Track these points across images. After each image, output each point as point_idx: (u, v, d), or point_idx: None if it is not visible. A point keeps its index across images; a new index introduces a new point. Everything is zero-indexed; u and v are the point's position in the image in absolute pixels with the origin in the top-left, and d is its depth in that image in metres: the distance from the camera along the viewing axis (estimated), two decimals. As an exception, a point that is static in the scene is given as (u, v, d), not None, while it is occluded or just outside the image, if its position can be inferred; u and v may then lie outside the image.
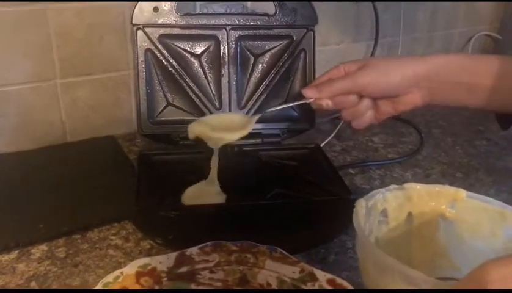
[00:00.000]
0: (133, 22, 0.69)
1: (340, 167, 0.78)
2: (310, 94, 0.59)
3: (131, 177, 0.69)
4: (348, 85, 0.58)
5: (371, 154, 0.84)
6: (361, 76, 0.58)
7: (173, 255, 0.48)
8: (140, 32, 0.70)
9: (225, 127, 0.62)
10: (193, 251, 0.49)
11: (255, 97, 0.74)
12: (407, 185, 0.53)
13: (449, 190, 0.53)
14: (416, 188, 0.53)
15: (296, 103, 0.63)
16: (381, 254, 0.42)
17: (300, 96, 0.60)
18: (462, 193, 0.53)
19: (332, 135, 0.86)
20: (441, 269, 0.53)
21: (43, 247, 0.59)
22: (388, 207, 0.52)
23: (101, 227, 0.63)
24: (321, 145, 0.82)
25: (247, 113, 0.74)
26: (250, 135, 0.72)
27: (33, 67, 0.75)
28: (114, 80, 0.82)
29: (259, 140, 0.73)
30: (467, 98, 0.59)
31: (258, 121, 0.73)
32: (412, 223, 0.53)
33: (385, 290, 0.44)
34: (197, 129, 0.61)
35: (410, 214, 0.53)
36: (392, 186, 0.53)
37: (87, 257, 0.58)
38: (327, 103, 0.58)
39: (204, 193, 0.61)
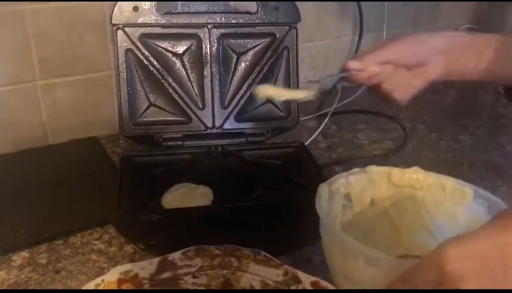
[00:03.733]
0: (113, 22, 0.68)
1: (325, 165, 0.78)
2: (354, 65, 0.59)
3: (114, 180, 0.68)
4: (386, 53, 0.60)
5: (356, 150, 0.84)
6: (396, 45, 0.61)
7: (156, 261, 0.48)
8: (120, 32, 0.68)
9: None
10: (175, 256, 0.48)
11: (238, 96, 0.73)
12: (368, 168, 0.54)
13: (408, 171, 0.54)
14: (377, 171, 0.54)
15: (340, 75, 0.61)
16: (343, 236, 0.43)
17: (342, 70, 0.60)
18: (420, 173, 0.53)
19: (317, 132, 0.86)
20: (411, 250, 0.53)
21: (24, 253, 0.58)
22: (352, 191, 0.52)
23: (84, 231, 0.62)
24: (306, 143, 0.82)
25: (231, 112, 0.73)
26: (234, 135, 0.72)
27: (12, 69, 0.73)
28: (95, 80, 0.81)
29: (243, 140, 0.72)
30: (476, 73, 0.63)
31: (241, 121, 0.74)
32: (376, 208, 0.53)
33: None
34: (269, 91, 0.59)
35: (373, 200, 0.53)
36: (355, 169, 0.53)
37: (69, 263, 0.57)
38: (373, 69, 0.59)
39: (188, 195, 0.60)
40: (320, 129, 0.87)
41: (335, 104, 0.91)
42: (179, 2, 0.71)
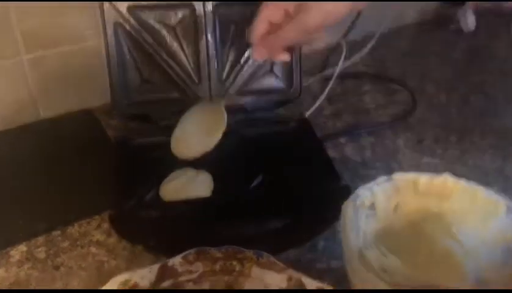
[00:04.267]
0: (98, -6, 0.62)
1: (330, 136, 0.75)
2: (260, 56, 0.53)
3: (110, 159, 0.65)
4: (298, 33, 0.50)
5: (362, 117, 0.81)
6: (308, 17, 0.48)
7: (155, 268, 0.46)
8: (107, 5, 0.63)
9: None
10: (175, 261, 0.47)
11: (236, 69, 0.69)
12: (395, 176, 0.51)
13: (436, 179, 0.51)
14: (403, 178, 0.51)
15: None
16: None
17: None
18: (450, 181, 0.50)
19: (322, 99, 0.82)
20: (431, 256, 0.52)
21: (22, 247, 0.57)
22: (376, 201, 0.49)
23: (81, 220, 0.60)
24: (310, 111, 0.78)
25: (229, 86, 0.69)
26: (233, 110, 0.68)
27: (-7, 45, 0.69)
28: (84, 50, 0.76)
29: (242, 116, 0.69)
30: None
31: (240, 94, 0.70)
32: (400, 213, 0.51)
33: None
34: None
35: (397, 205, 0.51)
36: (380, 178, 0.50)
37: (68, 257, 0.56)
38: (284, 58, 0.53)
39: (187, 184, 0.58)
40: (325, 94, 0.82)
41: (339, 65, 0.85)
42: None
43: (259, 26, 0.52)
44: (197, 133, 0.60)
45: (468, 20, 1.07)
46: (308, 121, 0.70)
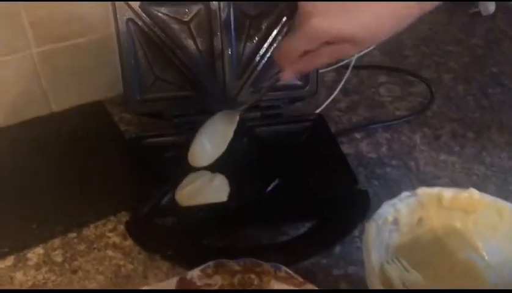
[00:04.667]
0: (110, -10, 0.60)
1: (345, 131, 0.74)
2: (289, 78, 0.53)
3: (123, 156, 0.65)
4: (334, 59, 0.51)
5: (377, 111, 0.79)
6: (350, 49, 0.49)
7: (174, 281, 0.46)
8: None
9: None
10: (194, 274, 0.47)
11: (252, 65, 0.67)
12: (419, 190, 0.50)
13: (461, 194, 0.50)
14: (427, 193, 0.50)
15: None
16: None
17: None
18: (474, 196, 0.49)
19: (337, 90, 0.80)
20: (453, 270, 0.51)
21: (39, 250, 0.57)
22: (399, 216, 0.49)
23: (97, 222, 0.60)
24: (326, 103, 0.77)
25: (245, 83, 0.67)
26: (248, 108, 0.67)
27: (2, 39, 0.67)
28: (96, 42, 0.74)
29: (258, 113, 0.68)
30: None
31: (255, 91, 0.68)
32: (423, 226, 0.51)
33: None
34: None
35: (421, 219, 0.50)
36: (404, 194, 0.49)
37: (85, 261, 0.56)
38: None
39: (203, 189, 0.57)
40: (341, 86, 0.81)
41: (354, 55, 0.83)
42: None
43: (293, 54, 0.51)
44: (211, 141, 0.59)
45: (488, 3, 1.04)
46: (324, 119, 0.68)
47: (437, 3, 0.48)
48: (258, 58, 0.67)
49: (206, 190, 0.57)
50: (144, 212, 0.54)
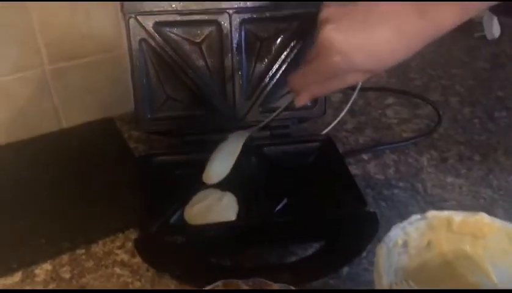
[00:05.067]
0: (124, 11, 0.61)
1: (352, 152, 0.74)
2: (304, 102, 0.55)
3: (132, 173, 0.65)
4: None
5: (384, 132, 0.80)
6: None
7: (183, 300, 0.46)
8: (132, 21, 0.62)
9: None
10: (203, 293, 0.47)
11: (262, 86, 0.68)
12: (429, 213, 0.50)
13: (471, 218, 0.50)
14: (437, 216, 0.50)
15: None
16: None
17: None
18: (485, 220, 0.50)
19: (345, 111, 0.81)
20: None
21: (47, 266, 0.57)
22: (409, 239, 0.49)
23: (105, 238, 0.60)
24: (333, 124, 0.77)
25: (254, 103, 0.68)
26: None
27: (17, 57, 0.68)
28: (108, 60, 0.75)
29: (267, 133, 0.68)
30: None
31: (264, 111, 0.69)
32: (432, 250, 0.51)
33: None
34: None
35: (430, 242, 0.50)
36: (413, 217, 0.50)
37: (93, 278, 0.56)
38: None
39: (212, 207, 0.58)
40: (348, 107, 0.81)
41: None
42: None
43: (309, 84, 0.53)
44: (226, 160, 0.60)
45: (494, 28, 1.05)
46: (332, 140, 0.69)
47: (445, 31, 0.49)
48: (267, 79, 0.68)
49: (215, 208, 0.57)
50: (153, 230, 0.54)
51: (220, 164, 0.60)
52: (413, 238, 0.49)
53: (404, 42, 0.48)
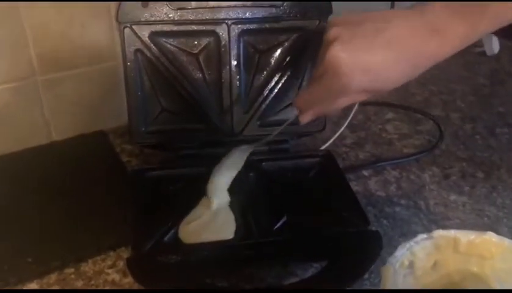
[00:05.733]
0: (119, 20, 0.59)
1: (353, 168, 0.72)
2: (307, 120, 0.55)
3: (124, 189, 0.63)
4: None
5: (385, 148, 0.78)
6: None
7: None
8: (127, 31, 0.60)
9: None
10: (198, 317, 0.44)
11: (260, 99, 0.66)
12: (435, 233, 0.48)
13: (479, 238, 0.48)
14: (443, 235, 0.48)
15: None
16: None
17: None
18: (493, 240, 0.47)
19: (344, 126, 0.79)
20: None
21: (34, 285, 0.55)
22: (415, 259, 0.47)
23: (96, 257, 0.58)
24: (332, 139, 0.75)
25: (252, 117, 0.66)
26: (256, 142, 0.66)
27: (9, 67, 0.66)
28: (101, 72, 0.73)
29: (265, 147, 0.66)
30: None
31: (262, 125, 0.67)
32: (439, 271, 0.48)
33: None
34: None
35: (436, 263, 0.48)
36: (419, 236, 0.47)
37: (83, 299, 0.53)
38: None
39: (208, 225, 0.55)
40: (347, 122, 0.79)
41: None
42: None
43: (314, 104, 0.53)
44: (224, 173, 0.58)
45: (493, 44, 1.04)
46: (332, 155, 0.67)
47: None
48: (266, 92, 0.66)
49: (211, 227, 0.55)
50: (146, 248, 0.52)
51: (223, 178, 0.58)
52: (419, 258, 0.47)
53: (412, 63, 0.49)
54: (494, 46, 1.04)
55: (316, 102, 0.53)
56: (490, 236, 0.47)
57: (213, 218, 0.56)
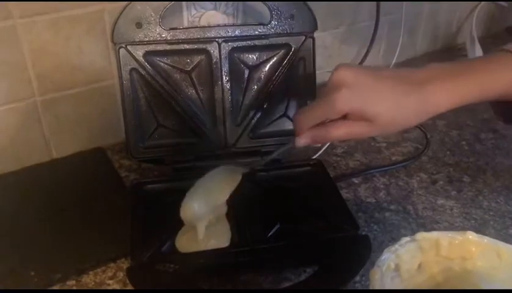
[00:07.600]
0: (114, 41, 0.62)
1: (343, 176, 0.75)
2: (304, 144, 0.55)
3: (123, 202, 0.65)
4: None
5: (374, 156, 0.81)
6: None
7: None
8: (123, 51, 0.63)
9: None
10: (197, 321, 0.46)
11: (251, 113, 0.69)
12: (418, 235, 0.50)
13: (459, 238, 0.50)
14: (426, 237, 0.50)
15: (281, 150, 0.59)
16: None
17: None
18: (473, 239, 0.50)
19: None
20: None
21: (37, 298, 0.57)
22: (400, 262, 0.49)
23: (97, 269, 0.60)
24: (323, 149, 0.78)
25: (244, 129, 0.69)
26: (248, 154, 0.68)
27: (8, 88, 0.68)
28: (97, 90, 0.76)
29: (257, 159, 0.68)
30: None
31: (254, 137, 0.70)
32: (423, 273, 0.51)
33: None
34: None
35: (421, 265, 0.50)
36: (404, 239, 0.50)
37: (85, 310, 0.55)
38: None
39: (204, 234, 0.57)
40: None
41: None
42: (185, 14, 0.64)
43: (311, 121, 0.53)
44: (204, 197, 0.58)
45: (476, 51, 1.07)
46: (323, 164, 0.69)
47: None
48: (256, 106, 0.69)
49: (207, 236, 0.57)
50: (145, 258, 0.54)
51: (197, 201, 0.57)
52: (404, 261, 0.49)
53: (404, 116, 0.54)
54: (477, 53, 1.07)
55: (312, 120, 0.53)
56: (470, 235, 0.49)
57: (209, 228, 0.58)
